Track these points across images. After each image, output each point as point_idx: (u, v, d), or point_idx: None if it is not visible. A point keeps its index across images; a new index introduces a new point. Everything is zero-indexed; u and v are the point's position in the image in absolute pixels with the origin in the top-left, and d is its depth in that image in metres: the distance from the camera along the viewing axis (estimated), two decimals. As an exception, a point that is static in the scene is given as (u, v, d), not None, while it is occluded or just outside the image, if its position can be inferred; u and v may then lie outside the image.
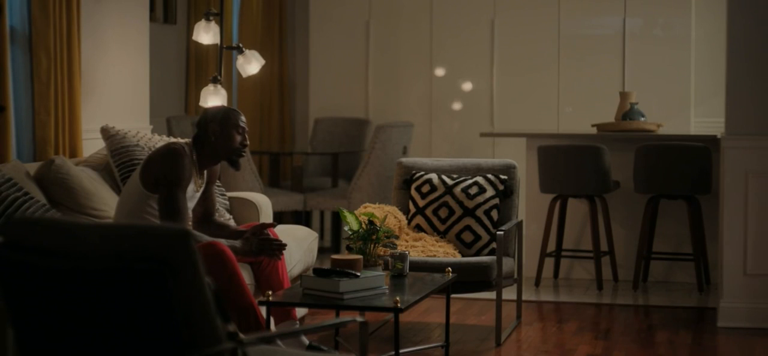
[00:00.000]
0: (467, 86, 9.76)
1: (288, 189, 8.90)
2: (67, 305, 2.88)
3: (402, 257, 5.29)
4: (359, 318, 3.23)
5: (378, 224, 5.15)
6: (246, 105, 9.55)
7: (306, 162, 9.70)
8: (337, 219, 9.04)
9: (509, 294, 6.55)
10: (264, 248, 5.11)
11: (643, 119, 7.90)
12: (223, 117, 5.04)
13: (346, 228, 5.23)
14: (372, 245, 5.10)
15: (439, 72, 9.80)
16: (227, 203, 6.01)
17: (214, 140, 5.04)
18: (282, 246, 5.16)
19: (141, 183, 4.97)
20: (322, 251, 8.83)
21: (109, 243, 2.83)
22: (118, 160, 5.67)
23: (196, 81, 9.07)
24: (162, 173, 4.91)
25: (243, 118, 5.11)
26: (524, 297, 6.89)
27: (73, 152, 5.89)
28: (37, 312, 2.93)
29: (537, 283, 7.63)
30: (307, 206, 8.73)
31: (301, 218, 9.04)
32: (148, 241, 2.78)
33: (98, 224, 2.95)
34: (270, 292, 4.70)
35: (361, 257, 4.96)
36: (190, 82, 9.19)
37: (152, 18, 8.31)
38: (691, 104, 9.23)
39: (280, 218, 8.64)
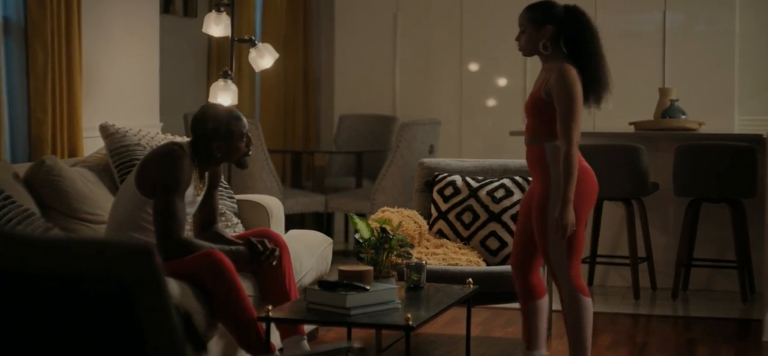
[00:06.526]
0: (501, 82, 9.46)
1: (310, 190, 8.56)
2: (18, 329, 2.57)
3: (418, 267, 4.90)
4: (356, 345, 2.86)
5: (391, 231, 4.78)
6: (269, 101, 9.30)
7: (329, 161, 9.36)
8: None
9: (538, 304, 6.20)
10: (253, 258, 4.75)
11: (683, 116, 7.62)
12: (225, 132, 4.72)
13: (356, 235, 4.86)
14: (384, 255, 4.73)
15: (472, 67, 9.51)
16: (235, 206, 5.64)
17: (221, 156, 4.77)
18: (273, 252, 4.79)
19: (136, 187, 4.65)
20: (345, 255, 8.47)
21: (61, 262, 2.51)
22: (118, 160, 5.33)
23: (217, 76, 8.77)
24: (159, 176, 4.59)
25: (244, 122, 4.79)
26: (555, 308, 6.52)
27: (73, 153, 5.59)
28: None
29: (570, 291, 7.28)
30: (329, 207, 8.38)
31: (322, 220, 8.70)
32: (105, 259, 2.46)
33: (49, 239, 2.63)
34: (270, 307, 4.34)
35: (371, 268, 4.58)
36: (211, 78, 8.91)
37: (171, 11, 8.15)
38: (734, 102, 8.93)
39: (301, 221, 8.30)
